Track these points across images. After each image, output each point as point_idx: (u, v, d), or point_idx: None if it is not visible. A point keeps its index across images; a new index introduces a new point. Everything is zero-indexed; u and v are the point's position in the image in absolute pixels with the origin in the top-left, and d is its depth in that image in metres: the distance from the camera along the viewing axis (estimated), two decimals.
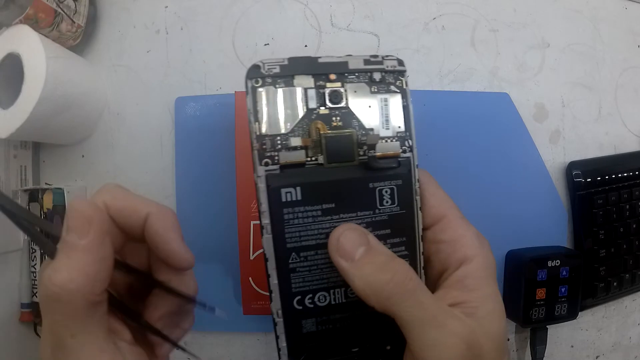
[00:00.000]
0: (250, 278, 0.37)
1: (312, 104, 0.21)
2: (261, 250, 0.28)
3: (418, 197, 0.22)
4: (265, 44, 0.43)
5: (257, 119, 0.21)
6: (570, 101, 0.45)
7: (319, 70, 0.22)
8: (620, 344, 0.46)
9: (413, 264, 0.22)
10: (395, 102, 0.22)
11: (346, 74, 0.22)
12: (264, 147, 0.21)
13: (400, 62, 0.23)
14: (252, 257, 0.37)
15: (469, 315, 0.20)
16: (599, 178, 0.43)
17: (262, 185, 0.20)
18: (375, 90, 0.22)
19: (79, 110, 0.41)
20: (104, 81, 0.44)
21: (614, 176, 0.43)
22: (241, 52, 0.43)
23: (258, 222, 0.29)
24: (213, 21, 0.43)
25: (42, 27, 0.38)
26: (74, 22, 0.40)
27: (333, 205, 0.21)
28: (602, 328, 0.46)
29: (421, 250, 0.22)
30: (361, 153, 0.22)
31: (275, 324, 0.22)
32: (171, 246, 0.21)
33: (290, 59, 0.21)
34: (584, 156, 0.44)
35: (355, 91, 0.22)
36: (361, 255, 0.20)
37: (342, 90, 0.22)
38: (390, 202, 0.22)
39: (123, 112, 0.44)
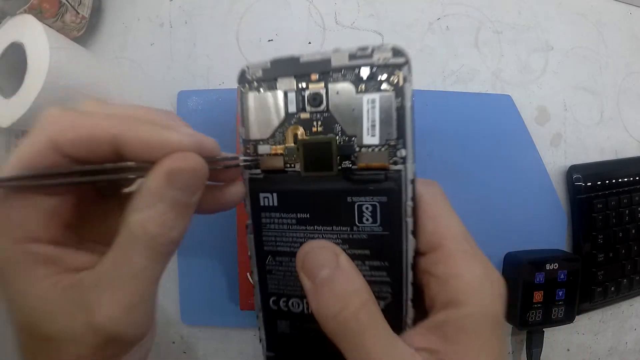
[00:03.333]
0: (248, 273, 0.37)
1: (292, 108, 0.20)
2: None
3: (410, 219, 0.19)
4: (269, 40, 0.43)
5: (243, 124, 0.21)
6: (572, 105, 0.45)
7: (301, 70, 0.20)
8: (617, 348, 0.46)
9: (397, 294, 0.20)
10: (386, 103, 0.19)
11: (330, 73, 0.19)
12: (248, 151, 0.21)
13: (397, 53, 0.19)
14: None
15: None
16: (599, 182, 0.43)
17: (246, 188, 0.21)
18: (363, 89, 0.19)
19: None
20: (107, 73, 0.44)
21: (614, 181, 0.43)
22: (245, 48, 0.43)
23: None
24: (217, 16, 0.43)
25: (46, 18, 0.38)
26: (78, 13, 0.40)
27: (307, 215, 0.20)
28: (598, 332, 0.46)
29: (410, 279, 0.19)
30: (343, 163, 0.20)
31: (257, 317, 0.23)
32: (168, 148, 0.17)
33: (273, 61, 0.20)
34: (585, 160, 0.44)
35: (337, 92, 0.19)
36: (322, 279, 0.18)
37: (322, 91, 0.19)
38: (371, 220, 0.19)
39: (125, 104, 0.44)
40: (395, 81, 0.19)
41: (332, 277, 0.18)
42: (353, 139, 0.19)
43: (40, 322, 0.17)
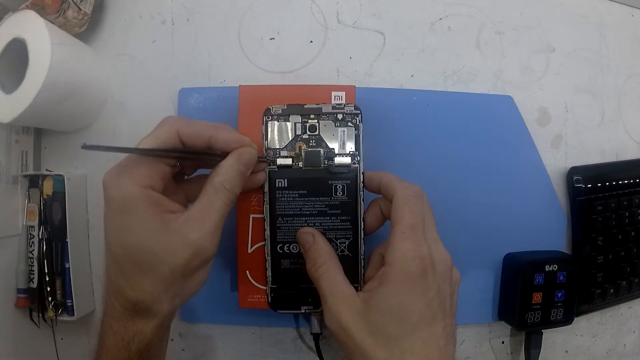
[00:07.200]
0: (247, 271, 0.37)
1: (298, 132, 0.34)
2: (260, 244, 0.36)
3: (361, 192, 0.33)
4: (270, 38, 0.43)
5: (266, 138, 0.34)
6: (573, 106, 0.45)
7: (304, 112, 0.34)
8: (615, 350, 0.46)
9: (355, 232, 0.33)
10: (350, 133, 0.34)
11: (321, 115, 0.34)
12: (269, 155, 0.34)
13: (357, 108, 0.34)
14: (250, 251, 0.37)
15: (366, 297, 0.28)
16: (599, 184, 0.43)
17: (266, 177, 0.34)
18: (338, 125, 0.34)
19: (82, 98, 0.41)
20: (108, 70, 0.44)
21: (614, 183, 0.43)
22: (246, 46, 0.43)
23: (257, 215, 0.36)
24: (219, 13, 0.43)
25: (49, 14, 0.38)
26: (81, 10, 0.40)
27: (306, 191, 0.33)
28: (597, 334, 0.46)
29: (362, 226, 0.33)
30: (326, 162, 0.33)
31: (266, 260, 0.34)
32: (236, 146, 0.30)
33: (288, 106, 0.34)
34: (586, 162, 0.44)
35: (325, 125, 0.34)
36: (306, 249, 0.32)
37: (316, 124, 0.34)
38: (341, 193, 0.33)
39: (126, 101, 0.44)
40: (355, 122, 0.34)
41: (310, 248, 0.32)
42: (332, 150, 0.34)
43: (148, 242, 0.26)
